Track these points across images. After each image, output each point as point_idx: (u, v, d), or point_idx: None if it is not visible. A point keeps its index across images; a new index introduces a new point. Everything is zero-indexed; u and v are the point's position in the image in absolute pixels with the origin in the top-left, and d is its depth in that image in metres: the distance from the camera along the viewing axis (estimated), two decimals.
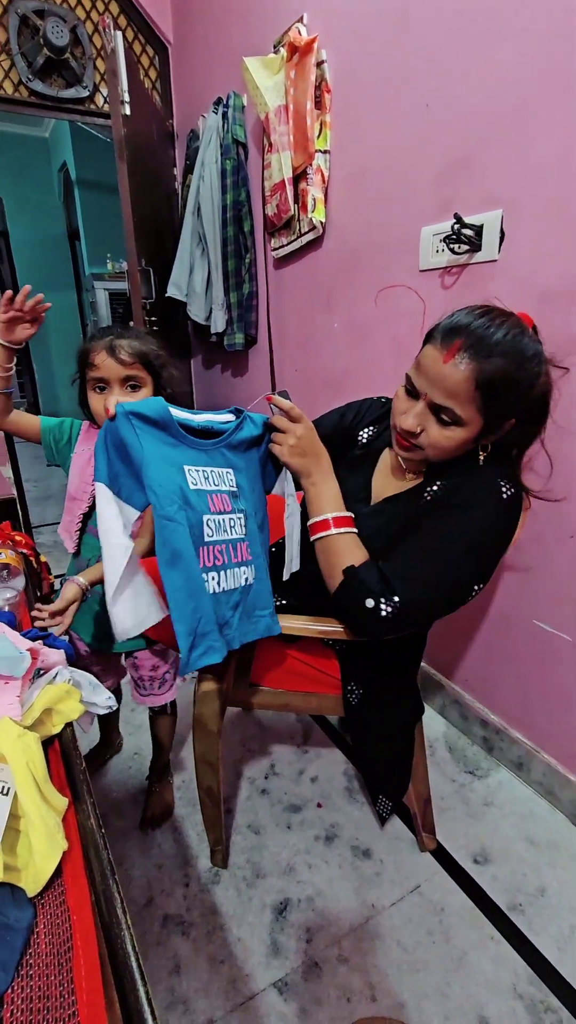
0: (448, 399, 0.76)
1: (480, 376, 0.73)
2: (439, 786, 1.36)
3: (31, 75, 2.31)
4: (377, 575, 0.81)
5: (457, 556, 0.81)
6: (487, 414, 0.77)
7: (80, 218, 4.86)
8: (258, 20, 1.85)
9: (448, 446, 0.80)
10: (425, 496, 0.88)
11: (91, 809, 0.58)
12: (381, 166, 1.45)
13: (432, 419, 0.79)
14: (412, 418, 0.80)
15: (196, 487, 0.79)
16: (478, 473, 0.84)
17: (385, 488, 0.96)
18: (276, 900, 1.10)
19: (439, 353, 0.75)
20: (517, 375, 0.74)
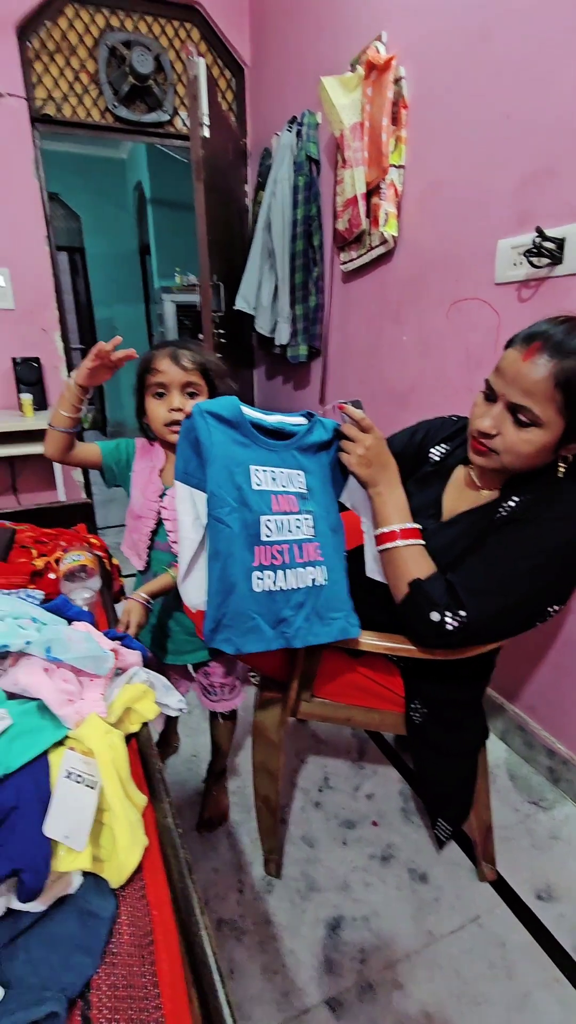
0: (526, 397, 0.75)
1: (560, 374, 0.73)
2: (500, 815, 1.31)
3: (116, 102, 2.45)
4: (443, 587, 0.80)
5: (529, 571, 0.79)
6: (568, 416, 0.75)
7: (152, 233, 5.07)
8: (335, 40, 1.89)
9: (526, 451, 0.78)
10: (500, 512, 0.86)
11: (168, 808, 0.60)
12: (457, 179, 1.44)
13: (510, 421, 0.78)
14: (489, 419, 0.80)
15: (259, 487, 0.81)
16: (557, 488, 0.82)
17: (457, 504, 0.95)
18: (330, 916, 1.09)
19: (518, 353, 0.76)
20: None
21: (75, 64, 2.40)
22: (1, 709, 0.59)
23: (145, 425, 1.09)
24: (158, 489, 1.10)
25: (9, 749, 0.54)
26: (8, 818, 0.50)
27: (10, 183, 2.36)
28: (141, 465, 1.13)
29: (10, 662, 0.68)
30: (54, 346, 2.64)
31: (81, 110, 2.46)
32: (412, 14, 1.52)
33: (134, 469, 1.14)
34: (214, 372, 1.05)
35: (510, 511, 0.85)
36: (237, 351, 2.70)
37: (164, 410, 1.02)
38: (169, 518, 1.09)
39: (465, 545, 0.87)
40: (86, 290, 5.73)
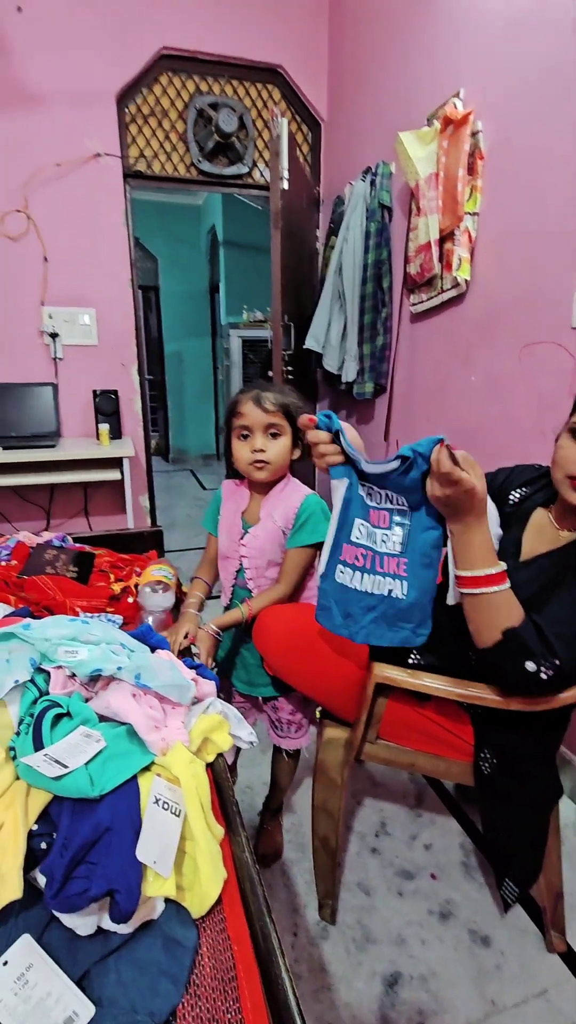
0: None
1: None
2: (571, 880, 1.23)
3: (201, 157, 2.63)
4: (536, 635, 0.79)
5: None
6: None
7: (222, 273, 5.33)
8: (413, 96, 1.97)
9: None
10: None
11: (245, 842, 0.62)
12: (533, 227, 1.46)
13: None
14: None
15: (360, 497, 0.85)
16: None
17: (536, 546, 0.94)
18: (387, 971, 1.06)
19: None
20: None
21: (166, 125, 2.61)
22: (96, 731, 0.62)
23: (232, 465, 1.14)
24: (239, 531, 1.14)
25: (104, 770, 0.58)
26: (103, 838, 0.53)
27: (103, 231, 2.57)
28: (228, 508, 1.18)
29: (101, 685, 0.72)
30: (131, 379, 2.81)
31: (169, 166, 2.66)
32: (490, 73, 1.58)
33: (221, 513, 1.19)
34: (297, 413, 1.09)
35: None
36: (302, 386, 2.77)
37: (248, 451, 1.07)
38: (247, 555, 1.12)
39: (544, 583, 0.86)
40: (158, 325, 6.07)
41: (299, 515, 1.10)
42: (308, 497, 1.11)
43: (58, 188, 2.46)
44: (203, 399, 6.28)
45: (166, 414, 6.42)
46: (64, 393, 2.69)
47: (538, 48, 1.40)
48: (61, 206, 2.48)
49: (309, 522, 1.08)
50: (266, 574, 1.15)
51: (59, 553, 1.27)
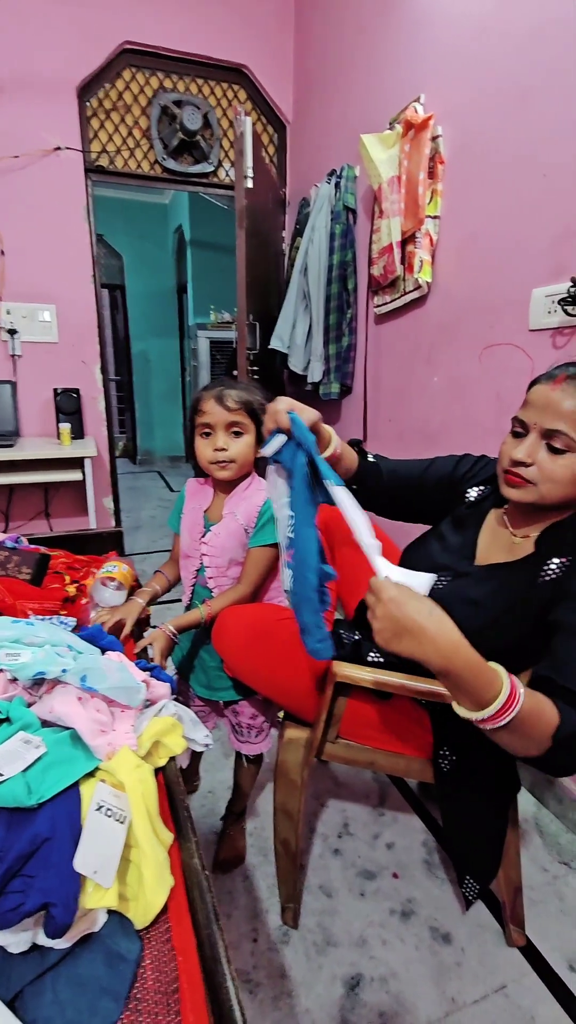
0: (559, 420, 0.78)
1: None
2: (530, 875, 1.24)
3: (166, 155, 2.60)
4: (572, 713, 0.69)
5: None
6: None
7: (189, 273, 5.28)
8: (375, 100, 1.99)
9: (562, 476, 0.79)
10: (543, 576, 0.83)
11: (195, 848, 0.60)
12: (493, 230, 1.48)
13: (544, 449, 0.80)
14: (525, 448, 0.81)
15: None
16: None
17: (491, 550, 0.94)
18: (347, 974, 1.05)
19: (547, 385, 0.81)
20: None
21: (129, 121, 2.57)
22: (36, 737, 0.59)
23: (196, 464, 1.12)
24: (201, 530, 1.12)
25: (43, 778, 0.55)
26: (41, 849, 0.50)
27: (63, 227, 2.51)
28: (190, 506, 1.16)
29: (46, 689, 0.69)
30: (94, 378, 2.74)
31: (132, 162, 2.62)
32: (451, 79, 1.60)
33: (184, 511, 1.17)
34: (261, 411, 1.07)
35: (556, 578, 0.82)
36: (268, 387, 2.76)
37: (210, 449, 1.05)
38: (209, 553, 1.10)
39: (507, 603, 0.85)
40: (124, 324, 5.97)
41: (261, 514, 1.08)
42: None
43: (16, 181, 2.39)
44: (171, 400, 6.21)
45: (133, 415, 6.32)
46: (23, 391, 2.61)
47: (496, 56, 1.42)
48: (19, 199, 2.41)
49: (272, 521, 1.07)
50: (227, 574, 1.13)
51: (11, 555, 1.22)
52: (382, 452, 2.15)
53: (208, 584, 1.13)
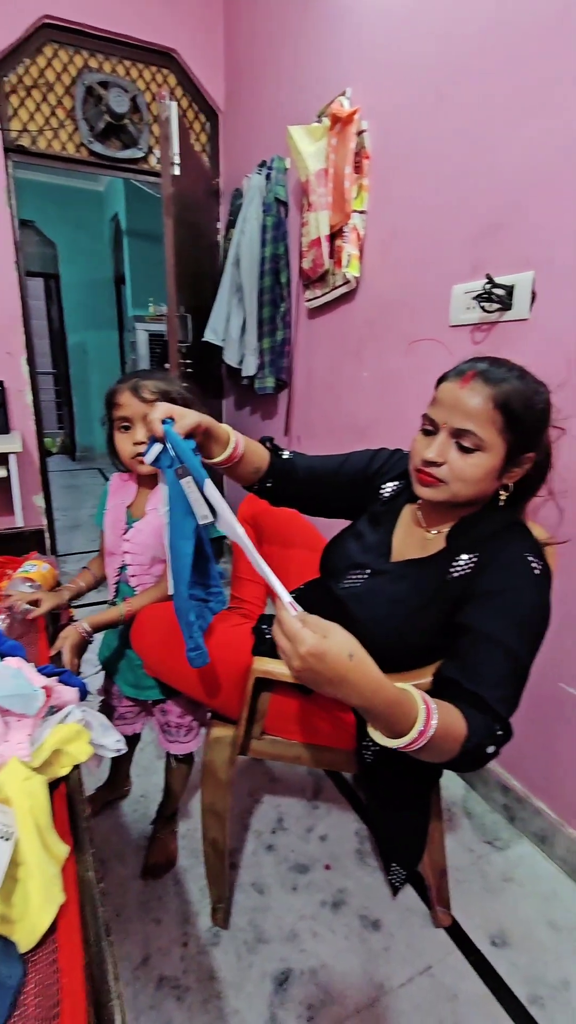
0: (468, 420, 0.77)
1: (497, 395, 0.76)
2: (456, 856, 1.28)
3: (92, 138, 2.50)
4: (478, 719, 0.71)
5: (518, 646, 0.76)
6: (508, 438, 0.78)
7: (127, 264, 5.13)
8: (303, 92, 1.98)
9: (473, 475, 0.79)
10: (452, 572, 0.84)
11: (91, 861, 0.57)
12: (416, 227, 1.50)
13: (454, 448, 0.80)
14: (435, 447, 0.80)
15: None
16: (505, 550, 0.81)
17: (406, 546, 0.94)
18: (277, 970, 1.04)
19: (455, 383, 0.80)
20: (532, 399, 0.78)
21: (52, 100, 2.44)
22: None
23: (117, 459, 1.08)
24: (123, 526, 1.08)
25: None
26: None
27: None
28: (113, 502, 1.12)
29: None
30: (20, 370, 2.61)
31: (56, 143, 2.50)
32: (374, 75, 1.61)
33: (107, 508, 1.12)
34: (179, 401, 1.04)
35: (464, 575, 0.83)
36: (206, 381, 2.72)
37: (129, 444, 1.02)
38: (131, 551, 1.07)
39: (420, 600, 0.85)
40: (59, 316, 5.74)
41: None
42: None
43: None
44: None
45: (71, 410, 6.09)
46: None
47: (415, 55, 1.44)
48: None
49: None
50: (150, 571, 1.10)
51: None
52: (315, 448, 2.16)
53: (131, 582, 1.10)
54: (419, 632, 0.86)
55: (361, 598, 0.92)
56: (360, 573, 0.94)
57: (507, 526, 0.85)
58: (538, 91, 1.12)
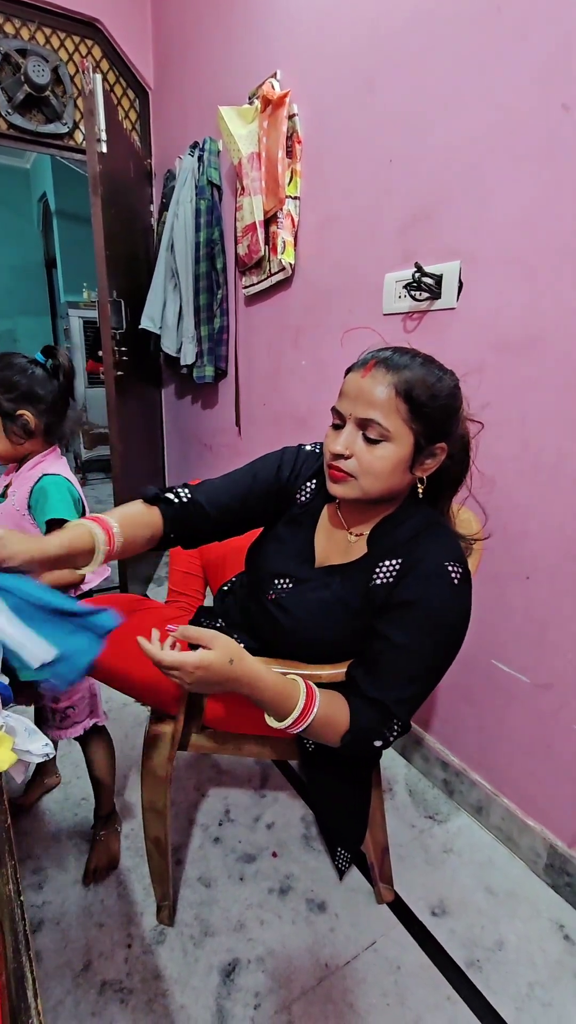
0: (371, 409, 0.75)
1: (399, 384, 0.75)
2: (398, 832, 1.32)
3: (10, 109, 2.35)
4: (370, 717, 0.79)
5: (433, 654, 0.79)
6: (415, 427, 0.76)
7: (58, 247, 4.90)
8: (234, 73, 1.93)
9: (381, 468, 0.77)
10: (375, 579, 0.83)
11: (11, 873, 0.54)
12: (348, 214, 1.50)
13: (360, 440, 0.77)
14: (342, 440, 0.78)
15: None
16: (425, 559, 0.80)
17: (328, 551, 0.92)
18: (224, 961, 1.04)
19: (358, 372, 0.78)
20: (435, 386, 0.77)
21: None
22: None
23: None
24: None
25: None
26: None
27: None
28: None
29: None
30: None
31: None
32: (303, 58, 1.59)
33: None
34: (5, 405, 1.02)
35: (385, 583, 0.82)
36: (144, 370, 2.64)
37: None
38: None
39: (345, 610, 0.85)
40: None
41: (31, 495, 1.04)
42: (45, 476, 1.05)
43: None
44: None
45: None
46: None
47: (345, 38, 1.43)
48: None
49: (41, 501, 1.03)
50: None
51: None
52: (259, 437, 2.14)
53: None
54: (345, 638, 0.87)
55: (287, 608, 0.90)
56: (284, 581, 0.92)
57: (429, 527, 0.83)
58: (464, 83, 1.14)
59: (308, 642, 0.88)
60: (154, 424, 2.98)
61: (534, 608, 1.16)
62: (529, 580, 1.16)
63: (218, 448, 2.47)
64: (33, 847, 1.26)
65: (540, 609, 1.15)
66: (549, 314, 1.05)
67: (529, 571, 1.16)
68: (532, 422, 1.11)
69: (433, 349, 1.13)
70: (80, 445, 4.59)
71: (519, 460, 1.14)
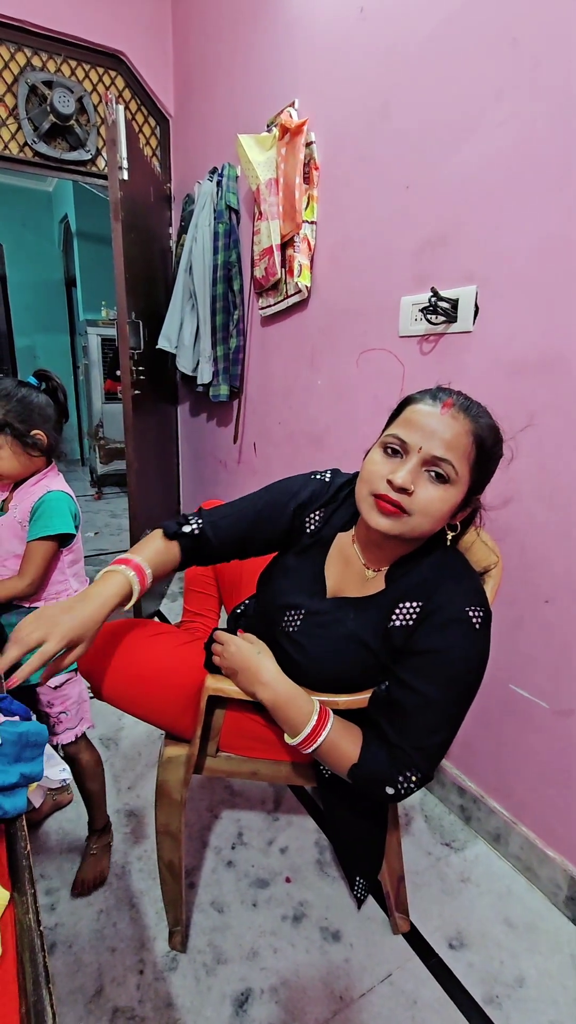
0: (448, 451, 0.73)
1: (477, 430, 0.74)
2: (414, 860, 1.30)
3: (36, 138, 2.42)
4: (384, 760, 0.78)
5: (456, 702, 0.78)
6: (475, 475, 0.76)
7: (77, 267, 5.02)
8: (254, 102, 1.98)
9: (439, 510, 0.75)
10: (394, 620, 0.81)
11: (31, 902, 0.54)
12: (364, 238, 1.52)
13: (424, 477, 0.74)
14: (407, 473, 0.73)
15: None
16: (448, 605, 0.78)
17: (342, 582, 0.89)
18: (237, 991, 1.02)
19: (433, 407, 0.75)
20: (498, 440, 0.78)
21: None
22: None
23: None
24: None
25: None
26: None
27: None
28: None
29: None
30: None
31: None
32: (320, 88, 1.63)
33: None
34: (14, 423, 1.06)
35: (406, 626, 0.80)
36: (160, 388, 2.68)
37: None
38: None
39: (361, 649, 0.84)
40: (6, 318, 5.53)
41: (34, 508, 1.08)
42: (48, 492, 1.10)
43: None
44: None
45: None
46: None
47: (362, 69, 1.46)
48: None
49: (44, 515, 1.07)
50: (6, 564, 1.12)
51: None
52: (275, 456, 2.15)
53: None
54: (358, 674, 0.86)
55: (298, 642, 0.88)
56: (295, 614, 0.89)
57: (449, 569, 0.81)
58: (478, 109, 1.16)
59: (322, 677, 0.87)
60: (169, 440, 3.02)
61: (553, 633, 1.15)
62: (548, 604, 1.15)
63: (232, 465, 2.49)
64: (45, 866, 1.25)
65: (560, 634, 1.14)
66: (566, 338, 1.05)
67: (548, 595, 1.15)
68: (549, 444, 1.10)
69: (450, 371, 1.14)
70: (96, 460, 4.65)
71: (536, 482, 1.13)
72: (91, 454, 4.89)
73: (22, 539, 1.09)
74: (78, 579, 1.19)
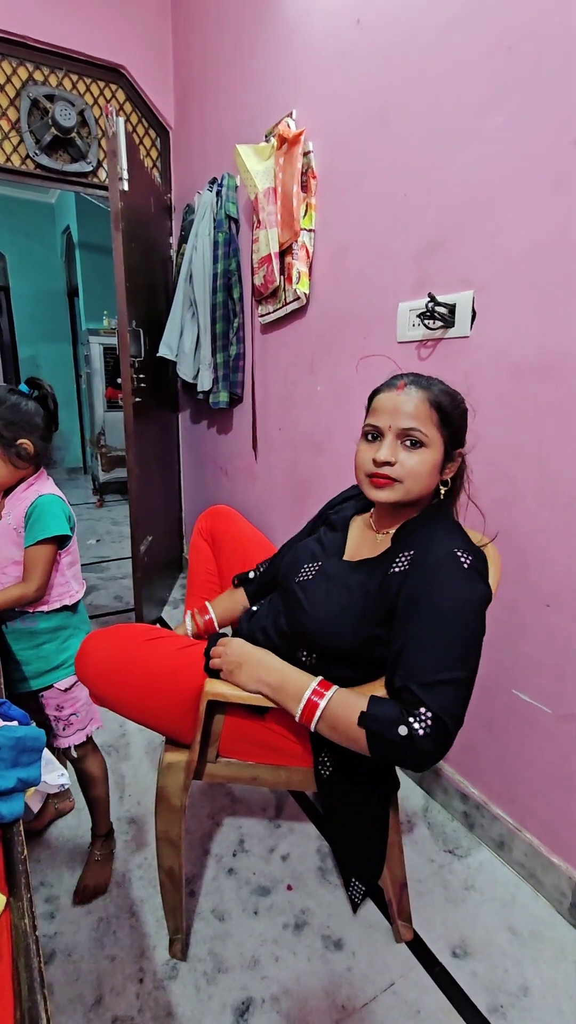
0: (411, 419, 0.86)
1: (430, 396, 0.87)
2: (417, 867, 1.28)
3: (38, 150, 2.46)
4: (392, 704, 0.78)
5: (454, 636, 0.78)
6: (444, 433, 0.88)
7: (80, 277, 5.06)
8: (252, 112, 2.00)
9: (422, 471, 0.86)
10: (393, 568, 0.87)
11: (27, 907, 0.54)
12: (362, 246, 1.53)
13: (401, 448, 0.87)
14: (387, 449, 0.86)
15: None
16: (436, 549, 0.84)
17: (359, 548, 1.00)
18: (238, 1000, 1.01)
19: (391, 392, 0.89)
20: (456, 399, 0.90)
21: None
22: None
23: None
24: None
25: None
26: None
27: None
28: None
29: None
30: None
31: (0, 155, 2.45)
32: (318, 97, 1.65)
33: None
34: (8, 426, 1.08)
35: (403, 570, 0.86)
36: (161, 395, 2.69)
37: None
38: None
39: (366, 598, 0.88)
40: (10, 328, 5.58)
41: (28, 514, 1.09)
42: (40, 496, 1.10)
43: None
44: (66, 408, 5.89)
45: None
46: None
47: (360, 78, 1.48)
48: None
49: (39, 519, 1.08)
50: (6, 571, 1.12)
51: None
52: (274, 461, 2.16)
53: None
54: (360, 617, 0.88)
55: (310, 587, 0.95)
56: (312, 566, 0.99)
57: (441, 521, 0.91)
58: (474, 118, 1.17)
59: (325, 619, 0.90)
60: (170, 448, 3.03)
61: (555, 637, 1.14)
62: (550, 608, 1.14)
63: (233, 472, 2.50)
64: (45, 874, 1.25)
65: (562, 638, 1.13)
66: (563, 342, 1.06)
67: (549, 598, 1.14)
68: (549, 447, 1.11)
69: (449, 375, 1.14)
70: (98, 468, 4.67)
71: (537, 484, 1.13)
72: (93, 462, 4.91)
73: (19, 545, 1.09)
74: (77, 580, 1.19)
